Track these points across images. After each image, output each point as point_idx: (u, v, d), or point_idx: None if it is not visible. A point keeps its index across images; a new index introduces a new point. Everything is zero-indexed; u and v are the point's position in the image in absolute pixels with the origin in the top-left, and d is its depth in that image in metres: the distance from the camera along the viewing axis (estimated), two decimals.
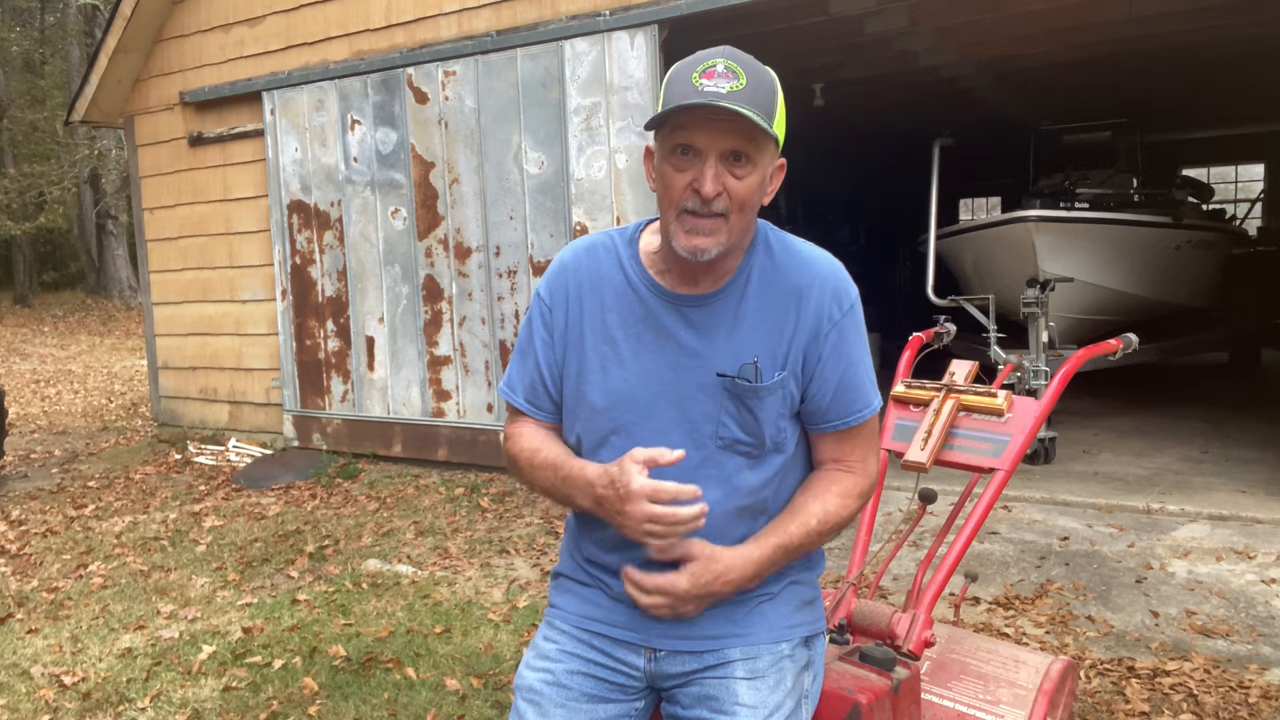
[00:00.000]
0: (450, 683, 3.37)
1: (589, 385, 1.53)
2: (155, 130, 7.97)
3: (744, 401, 1.48)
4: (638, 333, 1.51)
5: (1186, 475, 5.70)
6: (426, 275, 6.62)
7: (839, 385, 1.52)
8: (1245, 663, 3.33)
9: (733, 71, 1.36)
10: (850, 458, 1.56)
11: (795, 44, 6.91)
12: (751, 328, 1.49)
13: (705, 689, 1.49)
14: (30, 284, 22.98)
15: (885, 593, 3.93)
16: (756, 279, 1.51)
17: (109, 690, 3.45)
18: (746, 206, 1.42)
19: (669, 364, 1.50)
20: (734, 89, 1.34)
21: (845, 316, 1.51)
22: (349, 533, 5.34)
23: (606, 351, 1.52)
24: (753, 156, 1.39)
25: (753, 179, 1.41)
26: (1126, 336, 2.33)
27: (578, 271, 1.57)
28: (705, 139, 1.37)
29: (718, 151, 1.38)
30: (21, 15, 24.59)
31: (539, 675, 1.55)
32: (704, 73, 1.36)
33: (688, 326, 1.50)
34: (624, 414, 1.51)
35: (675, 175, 1.40)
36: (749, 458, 1.50)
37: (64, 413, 10.24)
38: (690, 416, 1.49)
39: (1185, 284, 8.40)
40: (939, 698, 1.92)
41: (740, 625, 1.51)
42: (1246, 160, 15.39)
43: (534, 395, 1.60)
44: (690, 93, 1.35)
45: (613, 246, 1.58)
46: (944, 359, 2.39)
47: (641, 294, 1.52)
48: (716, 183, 1.38)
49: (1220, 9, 6.32)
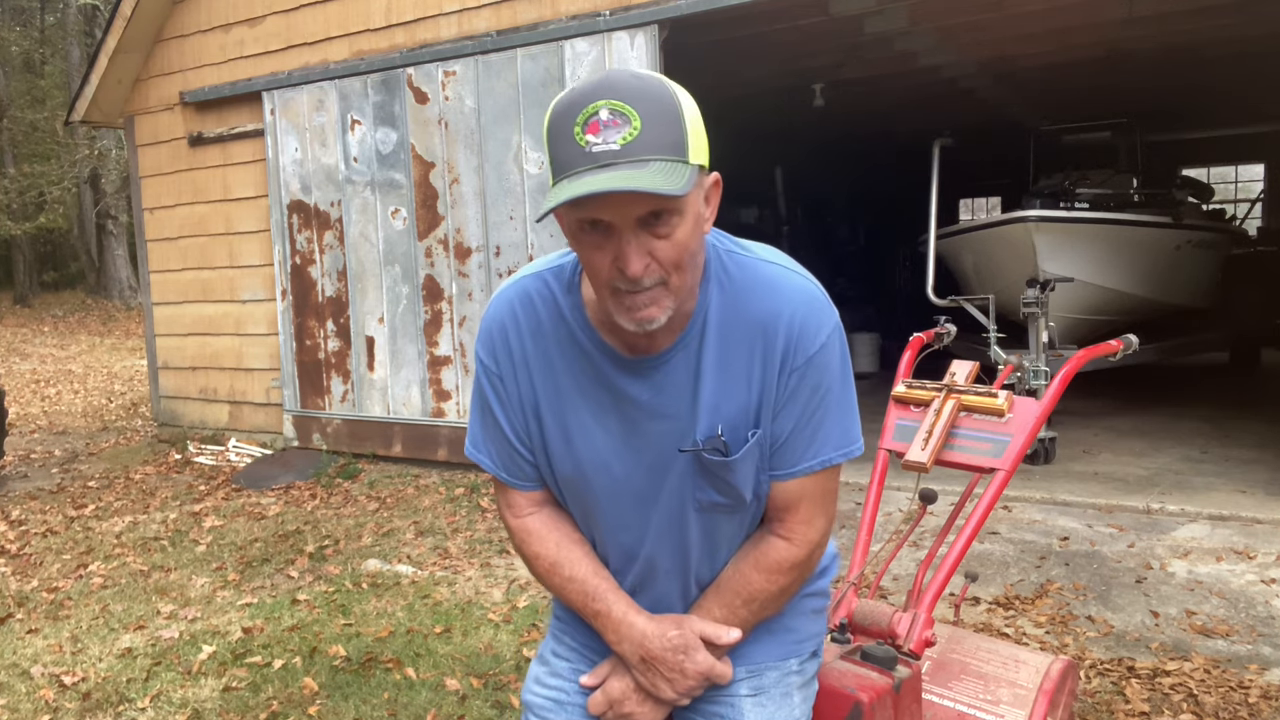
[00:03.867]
0: (450, 683, 3.37)
1: (555, 457, 1.42)
2: (155, 130, 7.97)
3: (715, 473, 1.36)
4: (596, 397, 1.37)
5: (1186, 475, 5.70)
6: (426, 275, 6.62)
7: (792, 432, 1.35)
8: (1245, 663, 3.33)
9: (621, 114, 1.13)
10: (791, 518, 1.40)
11: (795, 44, 6.92)
12: (716, 383, 1.34)
13: (711, 706, 1.48)
14: (30, 284, 22.99)
15: (885, 593, 3.93)
16: (715, 321, 1.33)
17: (109, 690, 3.45)
18: (683, 263, 1.22)
19: (634, 430, 1.37)
20: (626, 139, 1.13)
21: (815, 355, 1.32)
22: (349, 533, 5.34)
23: (568, 419, 1.39)
24: (675, 207, 1.17)
25: (681, 231, 1.19)
26: (1127, 337, 2.33)
27: (517, 329, 1.39)
28: (612, 214, 1.16)
29: (632, 220, 1.16)
30: (21, 15, 24.59)
31: (551, 694, 1.53)
32: (587, 124, 1.14)
33: (647, 389, 1.35)
34: (598, 483, 1.41)
35: (593, 253, 1.21)
36: (732, 513, 1.43)
37: (64, 413, 10.24)
38: (666, 484, 1.39)
39: (1185, 284, 8.41)
40: (939, 697, 1.92)
41: (746, 643, 1.47)
42: (1246, 160, 15.40)
43: (512, 468, 1.47)
44: (577, 156, 1.14)
45: (550, 295, 1.39)
46: (944, 359, 2.39)
47: (592, 356, 1.36)
48: (641, 259, 1.18)
49: (1220, 9, 6.32)
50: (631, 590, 1.46)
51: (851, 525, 5.03)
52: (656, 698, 1.42)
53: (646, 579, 1.46)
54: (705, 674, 1.40)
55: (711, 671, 1.40)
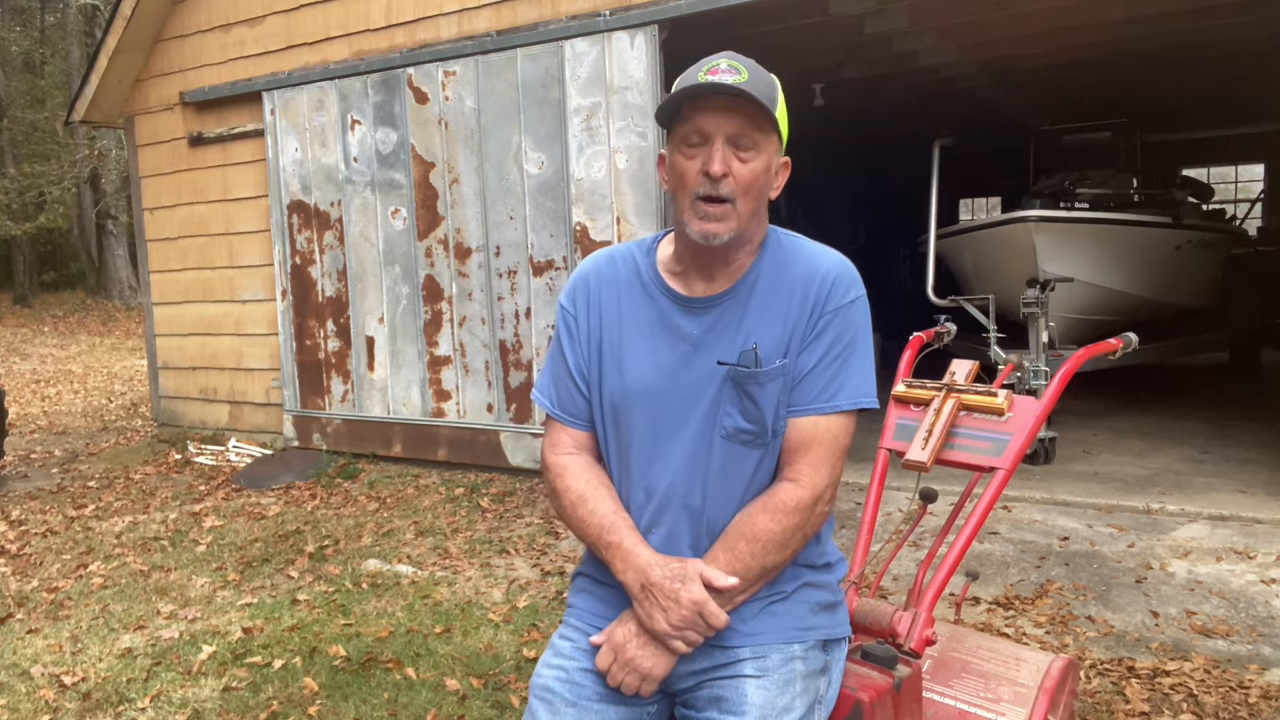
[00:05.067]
0: (450, 683, 3.37)
1: (606, 384, 1.61)
2: (155, 130, 7.97)
3: (745, 389, 1.52)
4: (652, 333, 1.59)
5: (1186, 475, 5.70)
6: (426, 275, 6.62)
7: (813, 370, 1.53)
8: (1245, 663, 3.33)
9: (735, 69, 1.46)
10: (800, 460, 1.53)
11: (795, 44, 6.92)
12: (757, 320, 1.54)
13: (715, 690, 1.51)
14: (30, 284, 23.00)
15: (885, 593, 3.93)
16: (765, 275, 1.57)
17: (109, 690, 3.45)
18: (751, 191, 1.49)
19: (681, 361, 1.56)
20: (738, 80, 1.44)
21: (845, 307, 1.54)
22: (349, 533, 5.34)
23: (623, 351, 1.60)
24: (757, 141, 1.48)
25: (757, 163, 1.48)
26: (1126, 336, 2.33)
27: (598, 278, 1.66)
28: (711, 123, 1.46)
29: (724, 135, 1.46)
30: (21, 15, 24.60)
31: (554, 673, 1.56)
32: (708, 70, 1.46)
33: (699, 325, 1.57)
34: (638, 409, 1.58)
35: (685, 163, 1.49)
36: (752, 446, 1.54)
37: (64, 413, 10.24)
38: (699, 409, 1.54)
39: (1185, 284, 8.40)
40: (940, 695, 1.92)
41: (750, 625, 1.52)
42: (1246, 160, 15.39)
43: (567, 402, 1.66)
44: (698, 82, 1.46)
45: (631, 257, 1.67)
46: (944, 359, 2.39)
47: (656, 298, 1.61)
48: (724, 163, 1.46)
49: (1220, 9, 6.32)
50: (646, 528, 1.57)
51: (851, 525, 5.03)
52: (652, 630, 1.47)
53: (661, 515, 1.56)
54: (698, 605, 1.45)
55: (705, 606, 1.45)
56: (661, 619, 1.46)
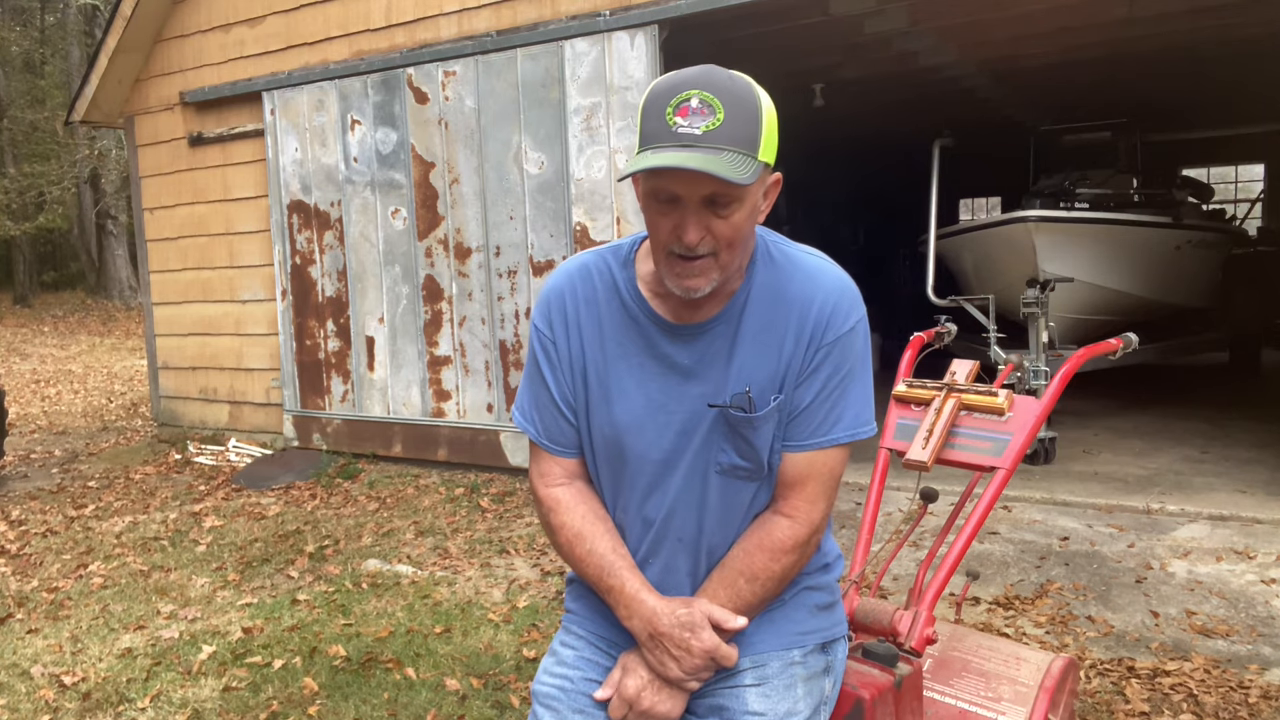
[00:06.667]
0: (450, 683, 3.37)
1: (595, 417, 1.52)
2: (155, 130, 7.97)
3: (738, 430, 1.45)
4: (640, 362, 1.49)
5: (1186, 475, 5.70)
6: (426, 275, 6.62)
7: (810, 405, 1.45)
8: (1245, 663, 3.33)
9: (708, 105, 1.28)
10: (796, 496, 1.48)
11: (795, 44, 6.92)
12: (749, 351, 1.46)
13: (716, 699, 1.50)
14: (30, 284, 23.00)
15: (886, 593, 3.93)
16: (756, 298, 1.46)
17: (109, 690, 3.45)
18: (735, 243, 1.37)
19: (671, 393, 1.48)
20: (710, 127, 1.27)
21: (844, 337, 1.45)
22: (349, 533, 5.34)
23: (611, 382, 1.50)
24: (737, 194, 1.32)
25: (739, 215, 1.34)
26: (1126, 336, 2.33)
27: (573, 297, 1.53)
28: (682, 188, 1.31)
29: (698, 198, 1.32)
30: (21, 15, 24.59)
31: (557, 681, 1.55)
32: (678, 108, 1.29)
33: (689, 354, 1.47)
34: (630, 444, 1.50)
35: (659, 219, 1.36)
36: (749, 480, 1.50)
37: (64, 413, 10.24)
38: (693, 444, 1.48)
39: (1185, 284, 8.40)
40: (941, 694, 1.92)
41: (749, 633, 1.50)
42: (1246, 160, 15.39)
43: (554, 431, 1.57)
44: (663, 133, 1.29)
45: (607, 269, 1.53)
46: (944, 359, 2.39)
47: (640, 322, 1.49)
48: (698, 230, 1.33)
49: (1220, 9, 6.32)
50: (644, 560, 1.53)
51: (852, 525, 5.03)
52: (665, 677, 1.45)
53: (659, 547, 1.51)
54: (710, 652, 1.43)
55: (717, 651, 1.43)
56: (675, 667, 1.43)
